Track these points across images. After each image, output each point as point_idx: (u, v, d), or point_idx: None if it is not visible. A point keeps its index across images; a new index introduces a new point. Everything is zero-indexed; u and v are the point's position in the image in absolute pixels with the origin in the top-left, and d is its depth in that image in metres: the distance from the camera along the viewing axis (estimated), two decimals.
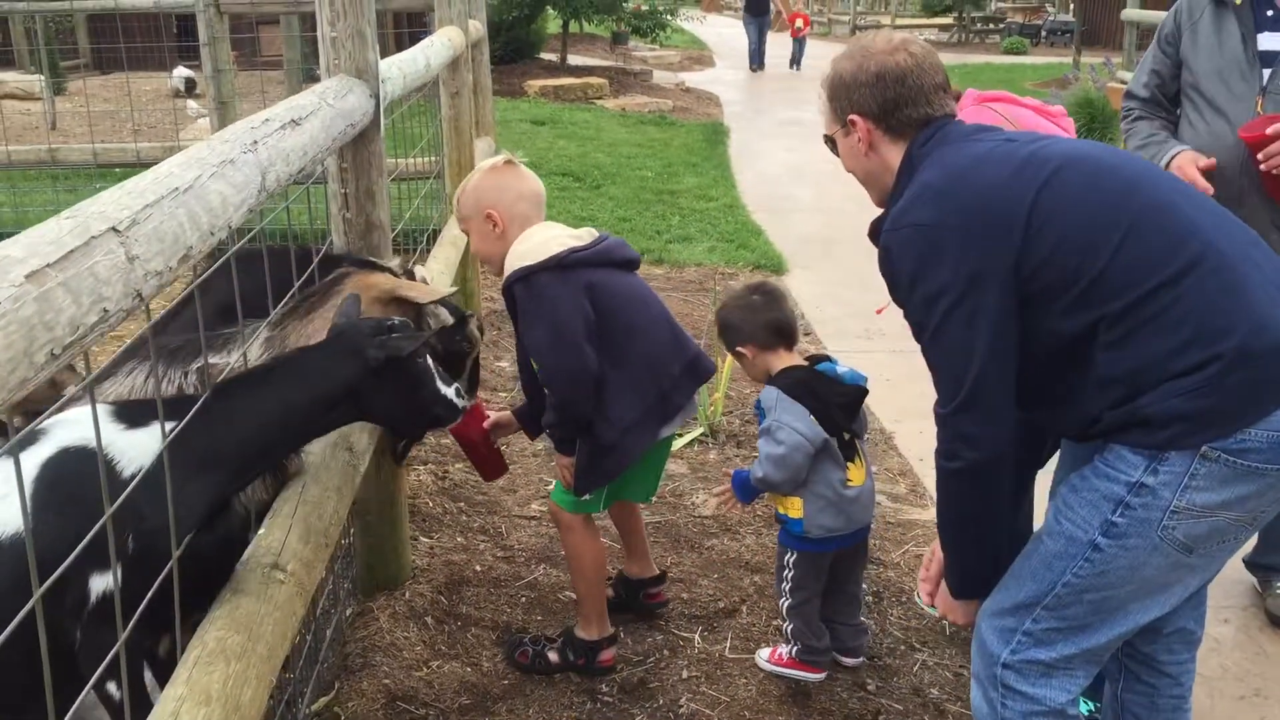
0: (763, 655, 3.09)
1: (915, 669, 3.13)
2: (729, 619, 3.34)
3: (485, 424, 3.13)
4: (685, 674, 3.07)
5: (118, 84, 12.66)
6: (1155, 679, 2.34)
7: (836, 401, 2.88)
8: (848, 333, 6.05)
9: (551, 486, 4.16)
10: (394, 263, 2.95)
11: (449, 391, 2.21)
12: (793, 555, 2.96)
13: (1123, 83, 11.03)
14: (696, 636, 3.24)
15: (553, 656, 3.07)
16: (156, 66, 12.49)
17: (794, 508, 2.90)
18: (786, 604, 3.00)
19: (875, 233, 2.23)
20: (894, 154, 2.21)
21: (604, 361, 2.79)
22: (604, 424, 2.81)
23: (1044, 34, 28.06)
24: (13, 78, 14.33)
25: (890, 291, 2.17)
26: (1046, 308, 1.98)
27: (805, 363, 2.98)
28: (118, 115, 11.21)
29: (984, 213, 1.99)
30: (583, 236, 2.87)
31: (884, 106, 2.18)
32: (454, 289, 2.96)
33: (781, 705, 2.95)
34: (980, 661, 2.19)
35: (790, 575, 2.97)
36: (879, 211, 2.28)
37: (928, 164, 2.12)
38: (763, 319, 2.94)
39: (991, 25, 29.09)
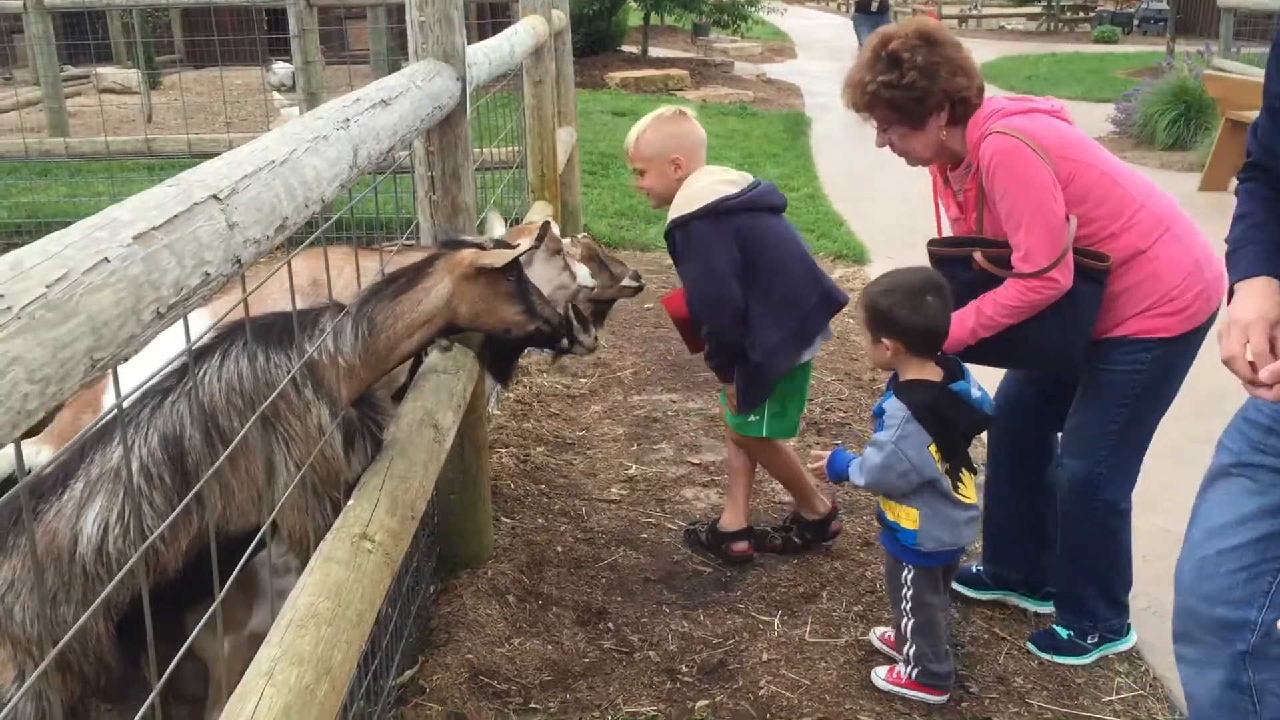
0: (879, 674, 2.96)
1: (1000, 657, 3.09)
2: (809, 604, 3.32)
3: None
4: (765, 656, 3.06)
5: (210, 78, 12.96)
6: None
7: (963, 430, 2.79)
8: None
9: (633, 469, 4.20)
10: (483, 236, 2.98)
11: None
12: (909, 573, 2.85)
13: (1219, 70, 10.73)
14: (776, 620, 3.24)
15: (796, 539, 3.59)
16: (248, 61, 12.76)
17: (908, 518, 2.79)
18: (910, 624, 2.87)
19: None
20: None
21: (749, 295, 3.24)
22: (751, 348, 3.26)
23: (1136, 22, 27.36)
24: (111, 72, 14.74)
25: None
26: None
27: (939, 377, 2.79)
28: (210, 108, 11.48)
29: None
30: (737, 182, 3.28)
31: None
32: (530, 246, 2.98)
33: (862, 690, 2.93)
34: None
35: (909, 594, 2.86)
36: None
37: None
38: (927, 324, 2.74)
39: (1082, 14, 28.45)
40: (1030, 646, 3.13)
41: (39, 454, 2.60)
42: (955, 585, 3.38)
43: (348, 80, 11.02)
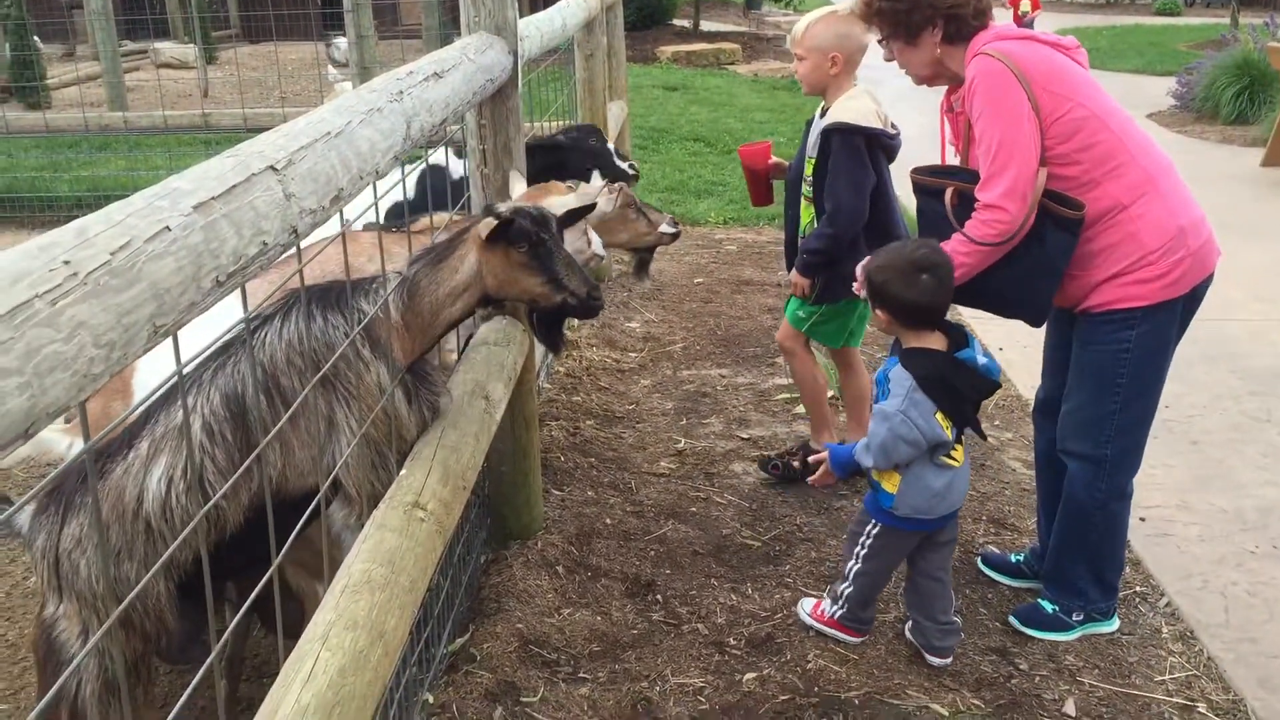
0: (805, 607, 3.10)
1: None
2: None
3: (770, 161, 3.94)
4: (813, 631, 3.07)
5: (266, 53, 13.07)
6: None
7: (971, 397, 2.77)
8: None
9: (682, 443, 4.21)
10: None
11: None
12: (876, 527, 2.87)
13: None
14: (824, 595, 3.23)
15: (795, 464, 3.83)
16: (303, 36, 12.87)
17: (889, 481, 2.80)
18: (854, 568, 2.92)
19: None
20: None
21: None
22: (850, 262, 3.16)
23: None
24: (168, 47, 14.92)
25: None
26: None
27: (943, 345, 2.75)
28: (265, 83, 11.59)
29: None
30: (889, 126, 3.59)
31: None
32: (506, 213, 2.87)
33: (911, 665, 2.93)
34: None
35: (867, 544, 2.89)
36: None
37: None
38: (918, 301, 2.70)
39: None
40: (1013, 620, 3.10)
41: (70, 446, 2.60)
42: (992, 573, 3.36)
43: (400, 55, 11.07)
